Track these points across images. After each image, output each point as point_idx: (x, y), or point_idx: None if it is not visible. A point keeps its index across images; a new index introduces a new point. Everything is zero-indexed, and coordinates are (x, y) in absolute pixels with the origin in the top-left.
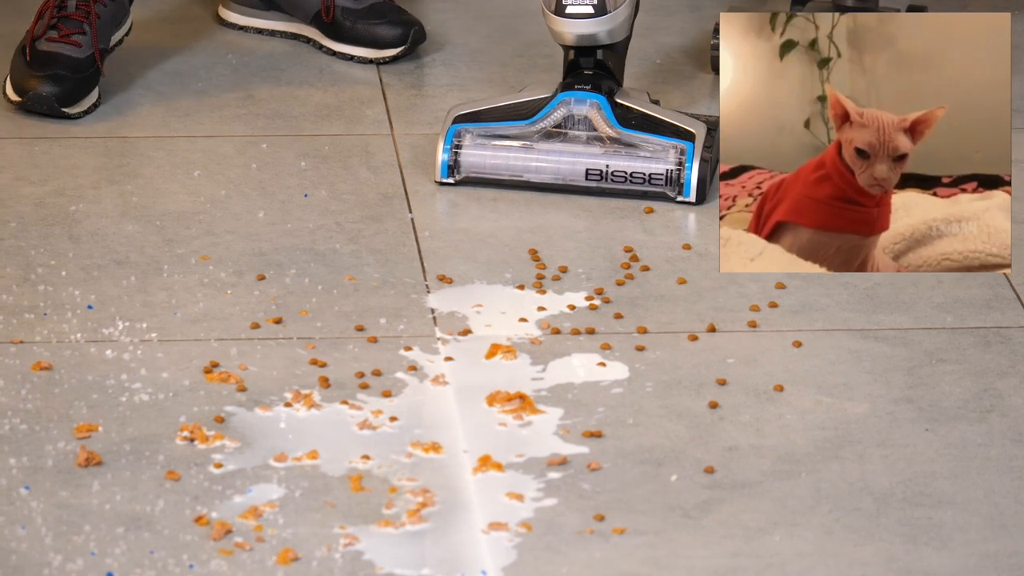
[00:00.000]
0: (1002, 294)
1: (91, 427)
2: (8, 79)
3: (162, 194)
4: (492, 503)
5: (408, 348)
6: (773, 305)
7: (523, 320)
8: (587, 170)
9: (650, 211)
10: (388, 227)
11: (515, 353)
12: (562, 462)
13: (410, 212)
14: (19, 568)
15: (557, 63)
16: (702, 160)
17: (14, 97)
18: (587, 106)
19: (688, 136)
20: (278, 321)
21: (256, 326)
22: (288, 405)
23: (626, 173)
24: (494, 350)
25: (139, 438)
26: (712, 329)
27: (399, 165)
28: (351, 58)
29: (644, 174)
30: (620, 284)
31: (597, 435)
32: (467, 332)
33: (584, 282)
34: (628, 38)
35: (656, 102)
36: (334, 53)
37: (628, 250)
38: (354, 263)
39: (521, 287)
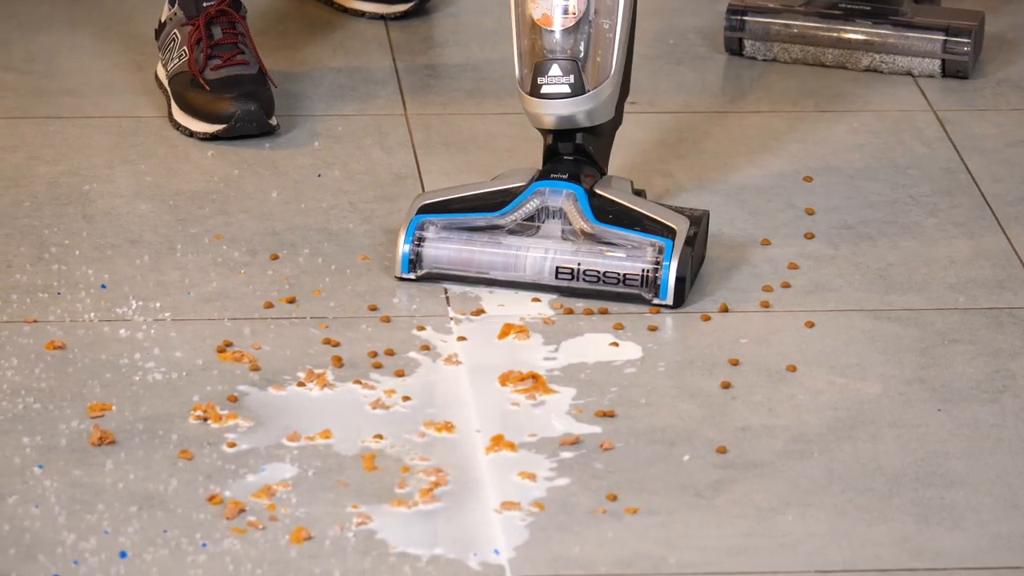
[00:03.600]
0: (1015, 275)
1: (104, 406)
2: (187, 116)
3: (175, 173)
4: (505, 482)
5: (421, 328)
6: (786, 286)
7: (536, 300)
8: (557, 268)
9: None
10: (401, 207)
11: (528, 333)
12: (575, 442)
13: (423, 192)
14: (33, 546)
15: None
16: (680, 260)
17: (209, 128)
18: (563, 197)
19: (668, 233)
20: (291, 300)
21: (269, 305)
22: (301, 384)
23: (599, 273)
24: (507, 330)
25: (152, 417)
26: (725, 309)
27: (412, 145)
28: (362, 14)
29: (618, 274)
30: None
31: (610, 415)
32: (480, 312)
33: None
34: (615, 123)
35: (640, 192)
36: (345, 9)
37: None
38: (367, 243)
39: None
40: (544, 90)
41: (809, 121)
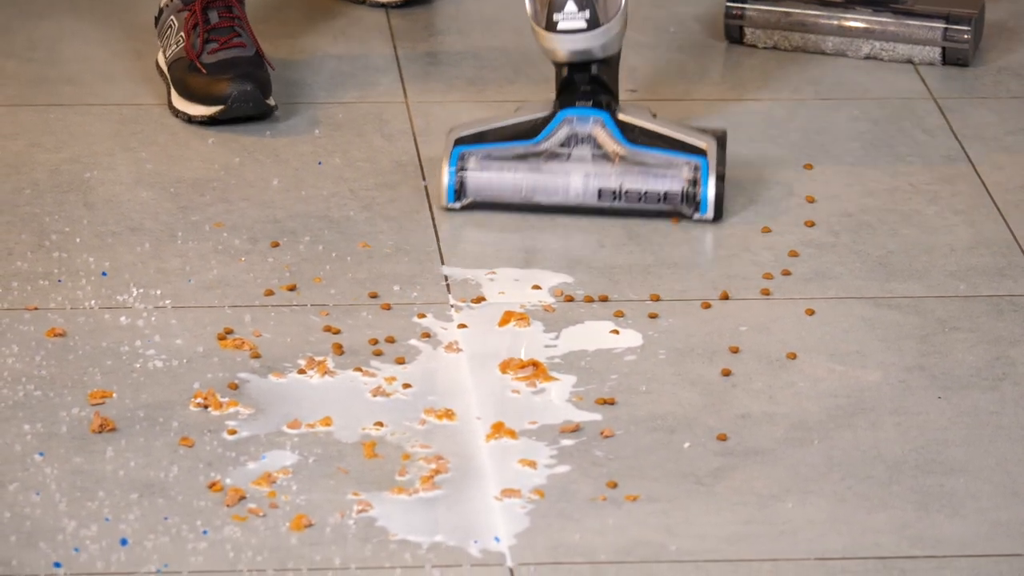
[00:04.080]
0: (1015, 262)
1: (105, 393)
2: (184, 101)
3: (176, 161)
4: (505, 470)
5: (422, 315)
6: (786, 273)
7: (536, 287)
8: (599, 190)
9: None
10: (402, 194)
11: (528, 320)
12: (575, 429)
13: (424, 179)
14: (33, 533)
15: None
16: (717, 175)
17: (207, 111)
18: (591, 123)
19: (699, 151)
20: (292, 288)
21: (270, 293)
22: (302, 372)
23: (640, 192)
24: (507, 317)
25: (153, 404)
26: (725, 297)
27: (413, 133)
28: (362, 2)
29: (659, 192)
30: (633, 252)
31: (610, 402)
32: (480, 299)
33: (598, 249)
34: (619, 53)
35: (655, 116)
36: None
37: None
38: (368, 230)
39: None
40: (560, 26)
41: (809, 109)
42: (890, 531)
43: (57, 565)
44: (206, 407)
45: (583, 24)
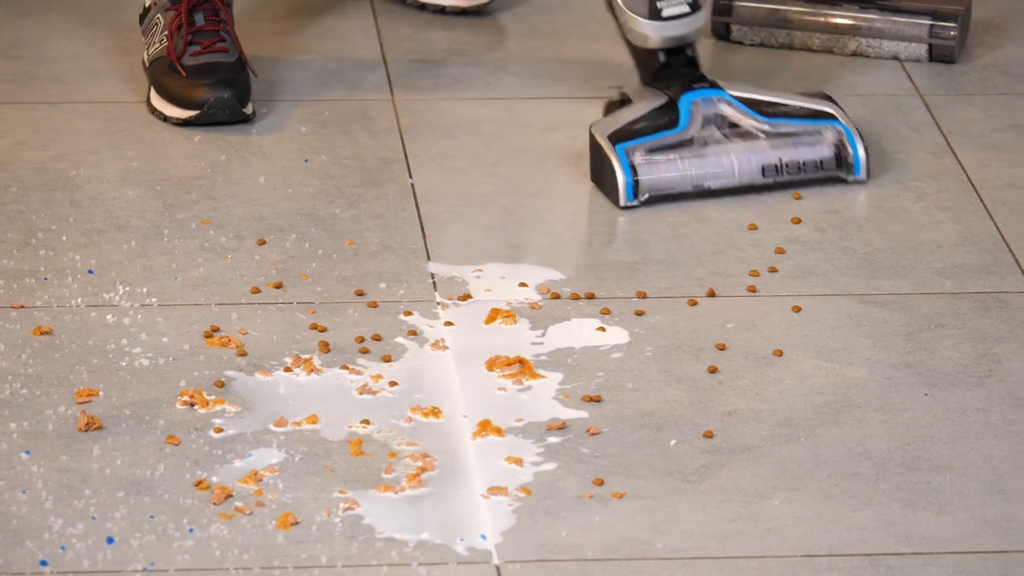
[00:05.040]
0: (1001, 259)
1: (91, 392)
2: (162, 101)
3: (162, 159)
4: (491, 468)
5: (408, 313)
6: (772, 270)
7: (523, 285)
8: (763, 167)
9: None
10: (388, 192)
11: (515, 318)
12: (561, 427)
13: (410, 177)
14: (19, 532)
15: (558, 28)
16: (862, 136)
17: (182, 114)
18: (716, 104)
19: (829, 116)
20: (278, 286)
21: (256, 291)
22: (288, 370)
23: (799, 162)
24: (494, 315)
25: (139, 403)
26: (712, 294)
27: (399, 130)
28: (423, 7)
29: (816, 160)
30: (620, 249)
31: (596, 400)
32: (467, 297)
33: (584, 246)
34: None
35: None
36: (423, 6)
37: (626, 215)
38: (354, 228)
39: (521, 252)
40: (665, 12)
41: None
42: (876, 528)
43: (43, 564)
44: (192, 405)
45: (687, 8)
